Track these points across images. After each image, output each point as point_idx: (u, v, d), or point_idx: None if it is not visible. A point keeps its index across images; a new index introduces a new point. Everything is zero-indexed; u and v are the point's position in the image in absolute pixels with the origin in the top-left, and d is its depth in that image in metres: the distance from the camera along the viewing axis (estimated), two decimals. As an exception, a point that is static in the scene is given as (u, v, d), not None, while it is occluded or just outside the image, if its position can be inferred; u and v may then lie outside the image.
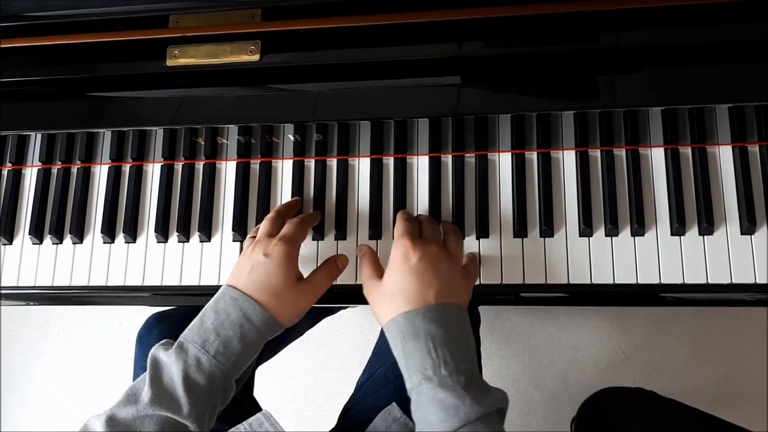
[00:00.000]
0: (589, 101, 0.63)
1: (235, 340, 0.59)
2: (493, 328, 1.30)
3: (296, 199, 0.72)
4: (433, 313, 0.57)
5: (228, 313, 0.60)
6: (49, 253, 0.76)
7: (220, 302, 0.61)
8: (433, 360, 0.55)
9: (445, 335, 0.56)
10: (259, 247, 0.63)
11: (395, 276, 0.60)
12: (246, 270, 0.62)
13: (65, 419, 1.42)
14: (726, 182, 0.68)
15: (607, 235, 0.67)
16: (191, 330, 0.60)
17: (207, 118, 0.69)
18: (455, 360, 0.55)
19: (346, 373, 1.28)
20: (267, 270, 0.61)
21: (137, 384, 0.59)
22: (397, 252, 0.61)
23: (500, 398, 0.56)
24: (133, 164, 0.76)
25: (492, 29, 0.63)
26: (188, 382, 0.57)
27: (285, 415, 0.84)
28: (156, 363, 0.59)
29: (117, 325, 1.43)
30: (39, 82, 0.71)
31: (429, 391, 0.54)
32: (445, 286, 0.59)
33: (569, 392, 1.25)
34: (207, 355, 0.58)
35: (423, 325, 0.56)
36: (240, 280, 0.62)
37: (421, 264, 0.59)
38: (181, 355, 0.58)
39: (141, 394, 0.57)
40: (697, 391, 1.22)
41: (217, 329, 0.59)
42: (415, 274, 0.59)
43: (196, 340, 0.59)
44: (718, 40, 0.61)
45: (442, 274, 0.59)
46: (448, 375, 0.54)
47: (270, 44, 0.66)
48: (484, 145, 0.70)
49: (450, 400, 0.53)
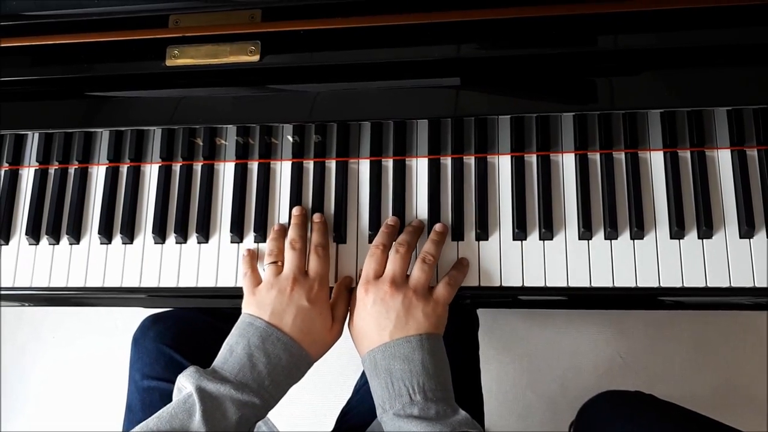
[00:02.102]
0: (588, 104, 0.63)
1: (284, 383, 0.63)
2: (492, 333, 1.29)
3: (302, 215, 0.71)
4: (390, 349, 0.62)
5: (279, 358, 0.62)
6: (45, 253, 0.75)
7: (268, 344, 0.62)
8: (390, 393, 0.60)
9: (403, 368, 0.60)
10: (299, 289, 0.65)
11: (356, 321, 0.66)
12: (290, 314, 0.64)
13: (60, 422, 1.41)
14: (725, 186, 0.68)
15: (607, 238, 0.67)
16: (242, 370, 0.60)
17: (206, 118, 0.68)
18: (410, 392, 0.59)
19: (344, 376, 1.27)
20: (312, 318, 0.64)
21: (178, 413, 0.57)
22: (356, 298, 0.66)
23: (460, 422, 0.59)
24: (130, 165, 0.76)
25: (492, 31, 0.63)
26: (242, 421, 0.59)
27: (282, 419, 0.83)
28: (207, 395, 0.58)
29: (113, 327, 1.43)
30: (37, 82, 0.71)
31: (388, 421, 0.60)
32: (399, 322, 0.62)
33: (567, 397, 1.24)
34: (262, 398, 0.60)
35: (382, 362, 0.62)
36: (285, 322, 0.63)
37: (375, 308, 0.64)
38: (237, 396, 0.58)
39: (191, 426, 0.56)
40: (696, 396, 1.22)
41: (270, 374, 0.61)
42: (369, 319, 0.64)
43: (252, 384, 0.60)
44: (716, 44, 0.62)
45: (395, 312, 0.63)
46: (401, 407, 0.59)
47: (270, 45, 0.66)
48: (483, 147, 0.70)
49: (405, 427, 0.58)
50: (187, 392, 0.58)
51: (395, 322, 0.62)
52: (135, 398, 0.77)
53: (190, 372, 0.60)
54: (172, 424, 0.56)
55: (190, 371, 0.60)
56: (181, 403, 0.58)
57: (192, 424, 0.56)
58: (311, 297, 0.65)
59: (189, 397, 0.58)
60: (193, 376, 0.59)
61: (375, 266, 0.66)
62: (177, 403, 0.58)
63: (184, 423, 0.56)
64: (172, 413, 0.57)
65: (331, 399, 1.26)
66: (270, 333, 0.63)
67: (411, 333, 0.62)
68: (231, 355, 0.61)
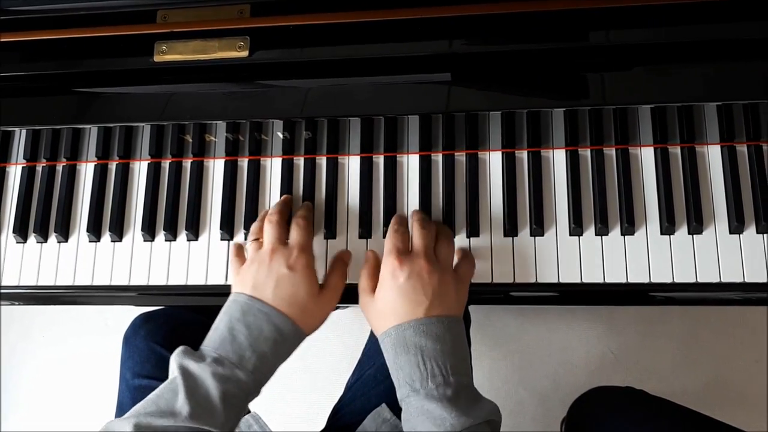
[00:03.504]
0: (579, 99, 0.63)
1: (269, 354, 0.60)
2: (483, 330, 1.30)
3: (287, 197, 0.71)
4: (423, 326, 0.59)
5: (261, 329, 0.60)
6: (33, 252, 0.75)
7: (249, 316, 0.61)
8: (422, 373, 0.57)
9: (435, 348, 0.58)
10: (278, 257, 0.63)
11: (385, 294, 0.61)
12: (271, 283, 0.62)
13: (51, 421, 1.40)
14: (715, 182, 0.68)
15: (597, 234, 0.67)
16: (223, 343, 0.59)
17: (195, 114, 0.68)
18: (443, 373, 0.57)
19: (336, 374, 1.27)
20: (294, 284, 0.62)
21: (165, 393, 0.57)
22: (386, 270, 0.62)
23: (490, 410, 0.57)
24: (119, 162, 0.75)
25: (483, 26, 0.63)
26: (227, 397, 0.57)
27: (274, 417, 0.83)
28: (189, 374, 0.57)
29: (103, 325, 1.42)
30: (24, 78, 0.70)
31: (417, 403, 0.57)
32: (435, 300, 0.60)
33: (559, 393, 1.25)
34: (245, 371, 0.59)
35: (413, 338, 0.58)
36: (265, 292, 0.62)
37: (409, 283, 0.60)
38: (218, 370, 0.57)
39: (176, 406, 0.55)
40: (686, 391, 1.23)
41: (252, 345, 0.59)
42: (403, 294, 0.60)
43: (233, 357, 0.59)
44: (706, 39, 0.62)
45: (431, 289, 0.60)
46: (435, 387, 0.56)
47: (259, 40, 0.65)
48: (474, 143, 0.70)
49: (437, 411, 0.55)
50: (173, 373, 0.58)
51: (431, 299, 0.59)
52: (126, 397, 0.77)
53: (176, 352, 0.60)
54: (158, 404, 0.56)
55: (177, 351, 0.60)
56: (167, 384, 0.58)
57: (177, 404, 0.56)
58: (290, 263, 0.62)
59: (174, 377, 0.58)
60: (177, 356, 0.59)
61: (401, 241, 0.63)
62: (164, 385, 0.58)
63: (169, 402, 0.56)
64: (158, 394, 0.57)
65: (323, 397, 1.26)
66: (251, 305, 0.61)
67: (444, 313, 0.60)
68: (215, 332, 0.61)
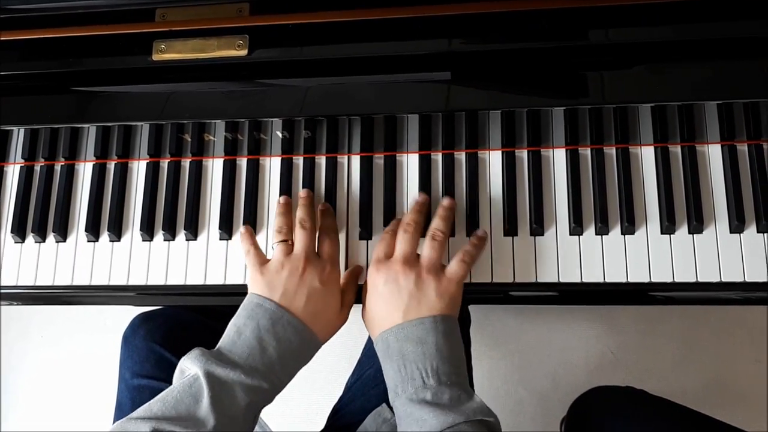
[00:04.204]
0: (579, 98, 0.63)
1: (293, 366, 0.61)
2: (483, 329, 1.29)
3: (310, 195, 0.70)
4: (402, 331, 0.60)
5: (290, 342, 0.60)
6: (31, 251, 0.74)
7: (278, 326, 0.60)
8: (402, 377, 0.58)
9: (416, 351, 0.59)
10: (312, 270, 0.63)
11: (368, 304, 0.64)
12: (303, 296, 0.62)
13: (49, 421, 1.39)
14: (715, 181, 0.68)
15: (598, 233, 0.67)
16: (252, 354, 0.58)
17: (193, 113, 0.68)
18: (423, 375, 0.58)
19: (335, 374, 1.27)
20: (325, 300, 0.63)
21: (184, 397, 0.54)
22: (368, 278, 0.65)
23: (476, 409, 0.57)
24: (118, 161, 0.75)
25: (483, 25, 0.63)
26: (250, 408, 0.57)
27: (273, 417, 0.82)
28: (216, 381, 0.55)
29: (102, 325, 1.41)
30: (22, 77, 0.70)
31: (401, 406, 0.58)
32: (411, 302, 0.61)
33: (558, 393, 1.24)
34: (271, 383, 0.59)
35: (395, 344, 0.60)
36: (296, 304, 0.61)
37: (386, 288, 0.62)
38: (247, 381, 0.56)
39: (199, 414, 0.53)
40: (686, 391, 1.23)
41: (281, 358, 0.59)
42: (383, 299, 0.62)
43: (261, 369, 0.58)
44: (707, 38, 0.62)
45: (407, 292, 0.61)
46: (414, 391, 0.57)
47: (258, 39, 0.65)
48: (474, 143, 0.70)
49: (417, 413, 0.56)
50: (193, 375, 0.56)
51: (407, 301, 0.60)
52: (125, 397, 0.76)
53: (196, 354, 0.57)
54: (178, 409, 0.53)
55: (196, 353, 0.57)
56: (187, 387, 0.55)
57: (199, 410, 0.54)
58: (324, 278, 0.62)
59: (195, 380, 0.55)
60: (199, 359, 0.56)
61: (385, 248, 0.64)
62: (182, 387, 0.55)
63: (190, 408, 0.54)
64: (177, 397, 0.54)
65: (323, 397, 1.26)
66: (280, 316, 0.60)
67: (424, 314, 0.60)
68: (239, 337, 0.59)
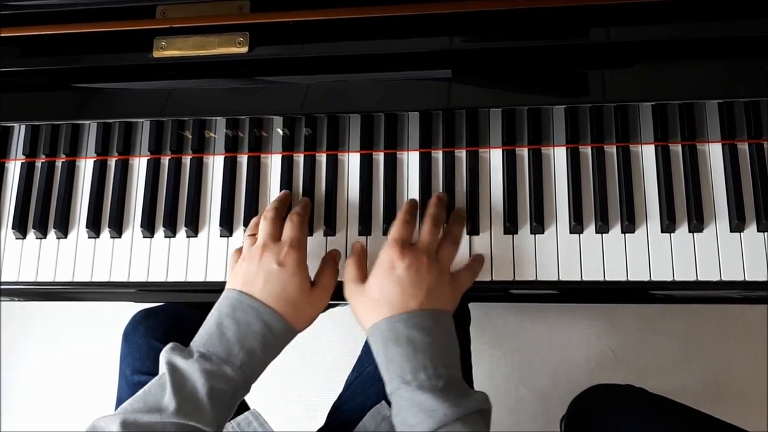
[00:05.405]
0: (580, 96, 0.63)
1: (258, 350, 0.60)
2: (483, 327, 1.29)
3: (285, 193, 0.71)
4: (415, 319, 0.59)
5: (249, 324, 0.60)
6: (32, 247, 0.74)
7: (238, 311, 0.60)
8: (413, 364, 0.57)
9: (426, 340, 0.58)
10: (269, 254, 0.62)
11: (380, 282, 0.61)
12: (260, 279, 0.62)
13: (50, 418, 1.40)
14: (716, 180, 0.68)
15: (598, 232, 0.67)
16: (210, 339, 0.59)
17: (194, 110, 0.68)
18: (434, 364, 0.57)
19: (335, 371, 1.27)
20: (283, 280, 0.61)
21: (152, 389, 0.57)
22: (384, 258, 0.62)
23: (480, 400, 0.57)
24: (119, 158, 0.75)
25: (484, 23, 0.63)
26: (214, 393, 0.57)
27: (273, 414, 0.83)
28: (176, 370, 0.57)
29: (102, 322, 1.42)
30: (23, 73, 0.70)
31: (407, 394, 0.56)
32: (429, 295, 0.60)
33: (559, 391, 1.25)
34: (233, 366, 0.58)
35: (405, 331, 0.58)
36: (255, 288, 0.61)
37: (407, 273, 0.60)
38: (206, 366, 0.57)
39: (163, 402, 0.56)
40: (686, 389, 1.23)
41: (240, 341, 0.59)
42: (399, 283, 0.60)
43: (220, 353, 0.58)
44: (708, 36, 0.61)
45: (427, 284, 0.60)
46: (427, 379, 0.56)
47: (259, 36, 0.65)
48: (474, 141, 0.70)
49: (428, 402, 0.55)
50: (162, 370, 0.59)
51: (426, 294, 0.60)
52: (125, 393, 0.76)
53: (165, 349, 0.59)
54: (146, 400, 0.56)
55: (166, 348, 0.59)
56: (156, 381, 0.58)
57: (164, 399, 0.56)
58: (280, 259, 0.62)
59: (163, 374, 0.58)
60: (165, 352, 0.59)
61: (406, 232, 0.63)
62: (152, 381, 0.58)
63: (157, 398, 0.56)
64: (146, 390, 0.57)
65: (322, 394, 1.25)
66: (240, 300, 0.61)
67: (438, 307, 0.60)
68: (203, 328, 0.61)
